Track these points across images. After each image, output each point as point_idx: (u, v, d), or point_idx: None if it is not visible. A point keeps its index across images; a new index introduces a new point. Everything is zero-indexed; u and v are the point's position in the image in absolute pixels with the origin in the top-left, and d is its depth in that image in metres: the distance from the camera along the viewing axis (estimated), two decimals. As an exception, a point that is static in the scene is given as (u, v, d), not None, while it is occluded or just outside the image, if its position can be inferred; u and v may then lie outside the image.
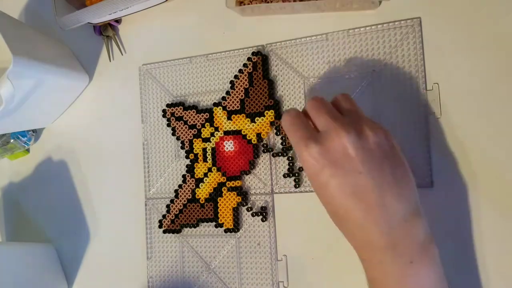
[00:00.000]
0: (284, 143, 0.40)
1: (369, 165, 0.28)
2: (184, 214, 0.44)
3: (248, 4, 0.40)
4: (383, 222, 0.28)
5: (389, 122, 0.37)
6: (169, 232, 0.44)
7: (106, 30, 0.48)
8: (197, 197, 0.43)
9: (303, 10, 0.40)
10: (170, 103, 0.46)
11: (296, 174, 0.40)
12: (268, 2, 0.39)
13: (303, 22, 0.41)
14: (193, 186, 0.44)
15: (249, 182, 0.42)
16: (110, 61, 0.50)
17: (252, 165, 0.41)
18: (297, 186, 0.40)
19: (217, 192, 0.43)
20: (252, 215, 0.41)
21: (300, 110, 0.33)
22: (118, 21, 0.49)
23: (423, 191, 0.36)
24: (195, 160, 0.44)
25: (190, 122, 0.44)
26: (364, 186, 0.28)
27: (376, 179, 0.28)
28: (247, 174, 0.42)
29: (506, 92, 0.34)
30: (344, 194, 0.29)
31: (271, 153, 0.41)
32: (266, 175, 0.42)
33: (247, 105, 0.42)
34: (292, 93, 0.41)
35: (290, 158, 0.40)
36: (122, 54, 0.49)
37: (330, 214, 0.31)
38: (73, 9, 0.46)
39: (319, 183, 0.30)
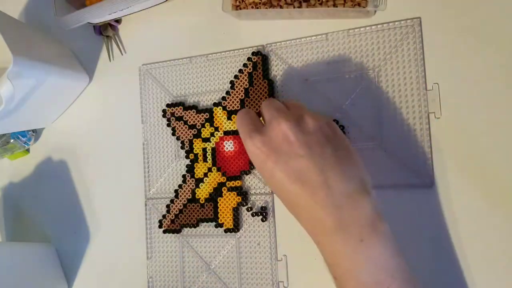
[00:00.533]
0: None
1: (309, 148, 0.29)
2: (184, 214, 0.44)
3: (244, 8, 0.40)
4: (329, 203, 0.28)
5: (389, 122, 0.37)
6: (169, 232, 0.44)
7: (106, 30, 0.48)
8: (197, 197, 0.43)
9: (299, 16, 0.40)
10: (170, 103, 0.46)
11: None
12: (265, 8, 0.39)
13: (303, 22, 0.41)
14: (193, 186, 0.44)
15: (249, 182, 0.42)
16: (110, 61, 0.50)
17: (252, 165, 0.41)
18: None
19: (217, 192, 0.43)
20: (252, 215, 0.41)
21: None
22: (118, 21, 0.49)
23: (423, 191, 0.36)
24: (195, 160, 0.44)
25: (190, 122, 0.44)
26: (306, 168, 0.29)
27: (317, 161, 0.29)
28: (247, 174, 0.42)
29: (506, 92, 0.34)
30: (289, 179, 0.29)
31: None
32: (266, 175, 0.42)
33: (247, 105, 0.42)
34: (292, 93, 0.41)
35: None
36: (122, 54, 0.49)
37: (282, 201, 0.32)
38: (73, 9, 0.46)
39: (266, 172, 0.31)
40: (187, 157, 0.44)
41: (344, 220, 0.28)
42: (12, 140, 0.50)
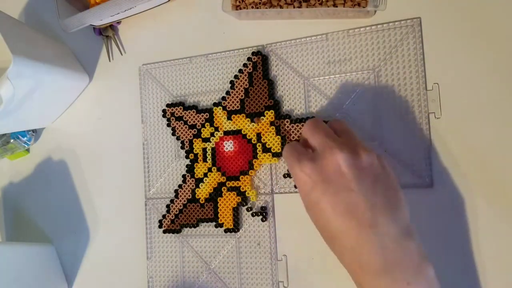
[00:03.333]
0: (284, 143, 0.40)
1: (361, 183, 0.28)
2: (184, 214, 0.44)
3: (244, 8, 0.40)
4: (376, 242, 0.27)
5: (389, 122, 0.37)
6: (169, 232, 0.44)
7: (106, 30, 0.48)
8: (197, 197, 0.43)
9: (299, 16, 0.40)
10: (170, 103, 0.46)
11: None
12: (265, 8, 0.39)
13: (303, 22, 0.41)
14: (193, 186, 0.44)
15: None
16: (109, 61, 0.50)
17: (251, 165, 0.41)
18: (297, 186, 0.40)
19: (217, 192, 0.42)
20: (252, 215, 0.41)
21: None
22: (118, 21, 0.49)
23: (423, 191, 0.36)
24: (195, 160, 0.44)
25: (190, 122, 0.44)
26: (356, 204, 0.28)
27: (368, 198, 0.28)
28: (246, 175, 0.42)
29: (506, 91, 0.34)
30: (335, 212, 0.28)
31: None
32: (266, 175, 0.42)
33: (247, 105, 0.42)
34: (292, 93, 0.41)
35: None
36: (121, 54, 0.49)
37: (322, 234, 0.31)
38: (75, 10, 0.46)
39: (311, 200, 0.30)
40: (187, 157, 0.44)
41: (391, 262, 0.27)
42: (12, 140, 0.50)
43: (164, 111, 0.46)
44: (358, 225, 0.28)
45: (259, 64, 0.42)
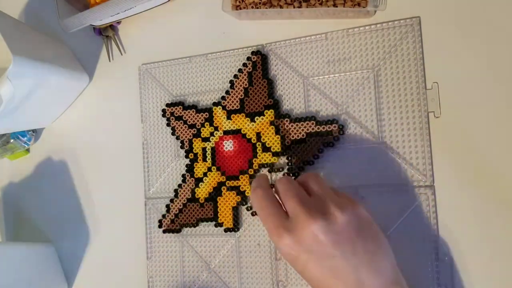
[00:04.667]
0: (284, 143, 0.40)
1: (341, 247, 0.29)
2: (184, 213, 0.44)
3: (244, 8, 0.40)
4: None
5: (389, 121, 0.37)
6: (169, 232, 0.44)
7: (106, 30, 0.48)
8: (196, 196, 0.43)
9: (299, 16, 0.40)
10: (169, 102, 0.46)
11: (296, 174, 0.40)
12: (265, 8, 0.40)
13: (303, 22, 0.41)
14: (192, 185, 0.44)
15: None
16: (109, 61, 0.50)
17: (251, 164, 0.41)
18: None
19: (216, 192, 0.43)
20: (252, 215, 0.41)
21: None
22: (118, 21, 0.49)
23: (423, 190, 0.36)
24: (194, 159, 0.44)
25: (189, 121, 0.44)
26: (339, 268, 0.29)
27: (350, 260, 0.29)
28: (245, 174, 0.42)
29: (505, 90, 0.34)
30: (323, 277, 0.29)
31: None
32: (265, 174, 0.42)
33: (246, 105, 0.42)
34: (292, 93, 0.41)
35: (289, 158, 0.40)
36: (121, 54, 0.49)
37: None
38: (75, 10, 0.46)
39: (298, 268, 0.31)
40: (186, 156, 0.44)
41: None
42: (12, 140, 0.50)
43: (163, 110, 0.46)
44: (345, 286, 0.29)
45: (258, 64, 0.42)
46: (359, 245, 0.29)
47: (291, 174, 0.40)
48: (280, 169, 0.40)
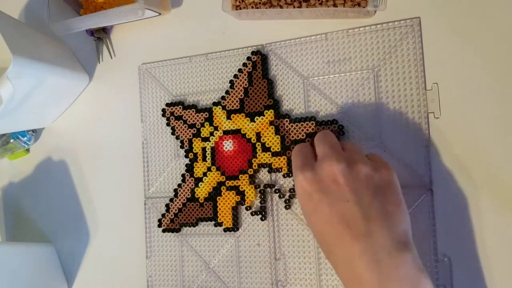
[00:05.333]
0: (283, 143, 0.40)
1: (357, 194, 0.28)
2: (183, 213, 0.44)
3: (244, 8, 0.40)
4: (370, 255, 0.27)
5: (389, 121, 0.37)
6: (168, 231, 0.44)
7: (98, 32, 0.49)
8: (196, 196, 0.43)
9: (299, 16, 0.40)
10: (169, 102, 0.46)
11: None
12: (265, 8, 0.40)
13: (303, 22, 0.41)
14: (192, 185, 0.44)
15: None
16: (99, 62, 0.50)
17: (251, 164, 0.41)
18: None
19: (216, 191, 0.43)
20: (252, 214, 0.42)
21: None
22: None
23: (422, 191, 0.36)
24: (194, 159, 0.44)
25: (189, 121, 0.44)
26: (350, 214, 0.28)
27: (363, 209, 0.28)
28: (245, 174, 0.42)
29: (506, 92, 0.34)
30: (330, 222, 0.29)
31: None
32: (265, 174, 0.42)
33: (246, 105, 0.42)
34: (292, 93, 0.41)
35: (289, 158, 0.40)
36: (111, 58, 0.49)
37: (319, 244, 0.31)
38: (69, 11, 0.46)
39: (309, 207, 0.30)
40: (186, 156, 0.44)
41: (384, 275, 0.26)
42: (12, 140, 0.50)
43: (163, 110, 0.46)
44: (352, 236, 0.28)
45: (258, 64, 0.42)
46: (376, 201, 0.29)
47: (291, 175, 0.40)
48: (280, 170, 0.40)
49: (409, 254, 0.28)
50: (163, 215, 0.45)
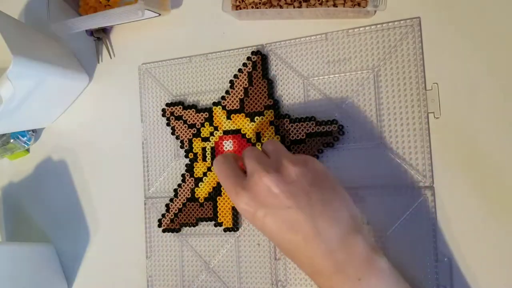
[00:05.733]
0: (284, 143, 0.40)
1: (295, 198, 0.29)
2: (183, 213, 0.44)
3: (244, 8, 0.40)
4: (323, 249, 0.29)
5: (389, 121, 0.37)
6: (168, 231, 0.44)
7: (98, 32, 0.49)
8: (196, 196, 0.43)
9: (299, 16, 0.40)
10: (169, 102, 0.46)
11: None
12: (265, 8, 0.40)
13: (303, 22, 0.41)
14: (192, 185, 0.44)
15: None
16: (98, 62, 0.50)
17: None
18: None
19: (216, 192, 0.43)
20: (252, 215, 0.42)
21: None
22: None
23: (422, 191, 0.36)
24: (194, 159, 0.44)
25: (189, 121, 0.44)
26: (296, 219, 0.29)
27: (305, 210, 0.29)
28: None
29: (506, 91, 0.34)
30: (281, 230, 0.30)
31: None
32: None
33: (246, 105, 0.42)
34: (292, 93, 0.41)
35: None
36: (111, 58, 0.49)
37: (278, 247, 0.32)
38: (69, 11, 0.46)
39: (258, 224, 0.31)
40: (186, 156, 0.44)
41: (340, 262, 0.29)
42: (12, 140, 0.50)
43: (163, 110, 0.46)
44: (304, 239, 0.29)
45: (258, 64, 0.42)
46: (313, 196, 0.29)
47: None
48: None
49: (359, 236, 0.29)
50: (163, 215, 0.45)
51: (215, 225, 0.43)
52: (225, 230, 0.42)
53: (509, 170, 0.34)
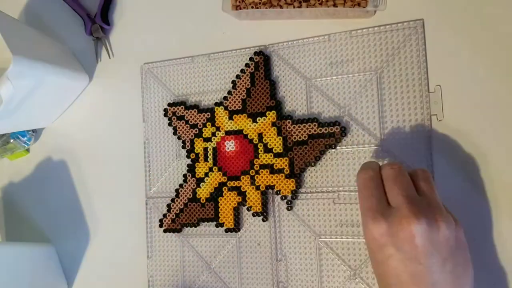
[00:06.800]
0: (286, 144, 0.40)
1: (431, 259, 0.28)
2: (184, 213, 0.44)
3: (244, 8, 0.40)
4: None
5: (391, 124, 0.37)
6: (169, 232, 0.44)
7: (96, 31, 0.49)
8: (197, 196, 0.43)
9: (299, 16, 0.40)
10: (171, 102, 0.46)
11: (298, 175, 0.40)
12: (265, 8, 0.39)
13: (305, 22, 0.41)
14: (194, 185, 0.44)
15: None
16: (97, 62, 0.50)
17: (253, 165, 0.41)
18: (298, 187, 0.40)
19: (217, 192, 0.42)
20: (253, 215, 0.41)
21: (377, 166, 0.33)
22: (109, 23, 0.49)
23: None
24: (196, 159, 0.44)
25: (191, 121, 0.44)
26: (420, 276, 0.28)
27: (434, 275, 0.28)
28: (246, 174, 0.42)
29: (508, 94, 0.34)
30: (399, 277, 0.28)
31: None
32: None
33: (248, 105, 0.42)
34: (294, 94, 0.41)
35: (291, 159, 0.40)
36: (109, 58, 0.49)
37: (380, 284, 0.31)
38: None
39: (377, 257, 0.30)
40: (188, 156, 0.44)
41: None
42: (12, 140, 0.50)
43: (165, 110, 0.46)
44: None
45: (261, 64, 0.42)
46: (448, 265, 0.28)
47: (292, 176, 0.40)
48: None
49: None
50: (164, 215, 0.45)
51: (217, 226, 0.43)
52: (227, 230, 0.42)
53: (510, 172, 0.34)
